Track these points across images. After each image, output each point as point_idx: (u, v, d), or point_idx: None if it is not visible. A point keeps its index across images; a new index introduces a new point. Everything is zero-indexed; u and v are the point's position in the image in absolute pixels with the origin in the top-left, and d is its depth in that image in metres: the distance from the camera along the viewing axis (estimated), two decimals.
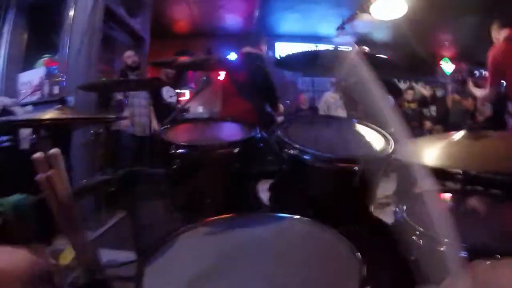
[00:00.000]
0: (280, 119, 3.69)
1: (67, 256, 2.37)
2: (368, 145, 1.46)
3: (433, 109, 6.85)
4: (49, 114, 1.52)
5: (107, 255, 2.59)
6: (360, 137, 1.55)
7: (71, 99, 3.44)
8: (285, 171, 1.39)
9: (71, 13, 3.63)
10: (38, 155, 0.80)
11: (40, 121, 1.52)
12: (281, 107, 3.71)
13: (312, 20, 7.88)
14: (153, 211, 1.66)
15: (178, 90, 5.85)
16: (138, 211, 1.72)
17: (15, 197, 1.83)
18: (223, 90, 3.30)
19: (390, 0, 5.78)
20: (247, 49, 3.31)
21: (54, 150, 0.81)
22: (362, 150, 1.41)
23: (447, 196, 1.40)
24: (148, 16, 5.42)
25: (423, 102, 7.12)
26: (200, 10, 7.24)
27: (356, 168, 1.26)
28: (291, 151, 1.32)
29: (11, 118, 2.74)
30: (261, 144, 1.57)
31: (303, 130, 1.56)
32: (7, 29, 3.99)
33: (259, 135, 1.57)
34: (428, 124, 6.68)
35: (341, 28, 7.69)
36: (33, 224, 1.84)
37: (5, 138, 2.64)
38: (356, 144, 1.49)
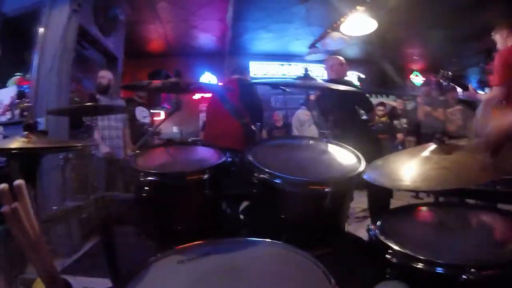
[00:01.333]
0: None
1: (39, 285, 2.27)
2: (338, 165, 1.47)
3: (404, 121, 7.05)
4: (17, 142, 1.46)
5: (82, 282, 2.51)
6: (331, 157, 1.57)
7: (41, 121, 3.35)
8: (256, 194, 1.39)
9: (44, 31, 3.56)
10: (2, 186, 0.77)
11: (8, 150, 1.46)
12: (264, 132, 3.82)
13: (285, 39, 8.04)
14: (126, 237, 1.61)
15: (152, 110, 5.80)
16: (111, 237, 1.67)
17: None
18: (211, 110, 3.41)
19: (360, 17, 5.97)
20: (236, 75, 3.47)
21: (19, 182, 0.78)
22: (332, 171, 1.42)
23: (421, 210, 1.40)
24: (122, 35, 5.38)
25: (394, 114, 7.32)
26: (174, 30, 7.26)
27: (327, 190, 1.26)
28: (262, 175, 1.32)
29: None
30: (233, 168, 1.58)
31: (273, 152, 1.58)
32: None
33: (230, 160, 1.58)
34: (400, 135, 6.85)
35: (313, 46, 7.89)
36: (2, 254, 1.76)
37: None
38: (327, 164, 1.51)
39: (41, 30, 3.55)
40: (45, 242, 0.81)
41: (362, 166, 1.39)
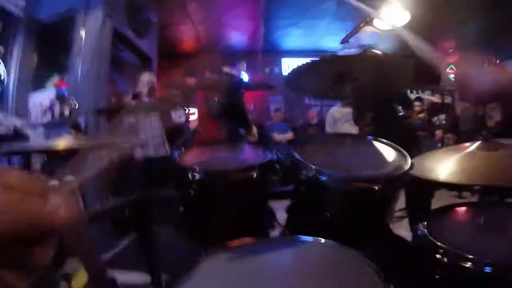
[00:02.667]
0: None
1: (80, 279, 2.37)
2: (385, 162, 1.43)
3: (442, 118, 6.81)
4: (63, 141, 1.52)
5: (119, 276, 2.59)
6: (376, 154, 1.52)
7: (81, 121, 3.51)
8: (302, 192, 1.37)
9: (80, 34, 3.72)
10: (53, 182, 0.79)
11: (55, 150, 1.52)
12: (254, 131, 3.68)
13: (316, 35, 7.97)
14: (167, 234, 1.65)
15: (186, 110, 5.92)
16: (151, 234, 1.71)
17: None
18: (200, 113, 3.26)
19: (393, 10, 5.82)
20: (227, 69, 3.36)
21: (69, 178, 0.81)
22: (379, 169, 1.37)
23: (466, 209, 1.34)
24: (155, 37, 5.53)
25: (432, 111, 7.09)
26: (206, 29, 7.36)
27: (376, 187, 1.24)
28: (308, 172, 1.29)
29: (26, 146, 2.77)
30: (278, 166, 1.54)
31: (318, 150, 1.54)
32: (16, 50, 4.08)
33: (275, 157, 1.54)
34: (439, 133, 6.63)
35: (345, 41, 7.76)
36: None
37: (16, 158, 2.67)
38: (373, 162, 1.46)
39: (77, 34, 3.70)
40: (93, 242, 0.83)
41: (408, 163, 1.34)
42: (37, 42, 4.24)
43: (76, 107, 3.61)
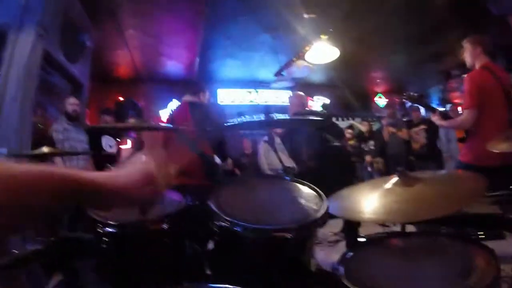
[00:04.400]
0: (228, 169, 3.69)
1: None
2: (301, 207, 1.45)
3: (371, 144, 7.28)
4: None
5: None
6: (294, 198, 1.53)
7: (4, 151, 3.24)
8: (219, 240, 1.38)
9: (9, 55, 3.48)
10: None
11: None
12: (230, 160, 3.69)
13: (252, 66, 8.22)
14: (91, 275, 1.56)
15: (118, 139, 5.69)
16: (75, 276, 1.62)
17: None
18: (166, 142, 3.00)
19: (323, 46, 6.21)
20: (188, 98, 3.32)
21: None
22: (295, 215, 1.39)
23: (387, 241, 1.39)
24: (88, 62, 5.33)
25: (362, 137, 7.56)
26: (142, 56, 7.27)
27: (289, 236, 1.27)
28: (223, 223, 1.30)
29: None
30: (193, 213, 1.55)
31: (236, 196, 1.53)
32: None
33: (191, 203, 1.55)
34: (368, 157, 7.06)
35: (279, 74, 8.10)
36: None
37: None
38: (290, 207, 1.47)
39: (6, 54, 3.46)
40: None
41: (324, 207, 1.37)
42: None
43: None
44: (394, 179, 1.32)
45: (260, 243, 1.31)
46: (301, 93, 4.06)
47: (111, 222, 1.36)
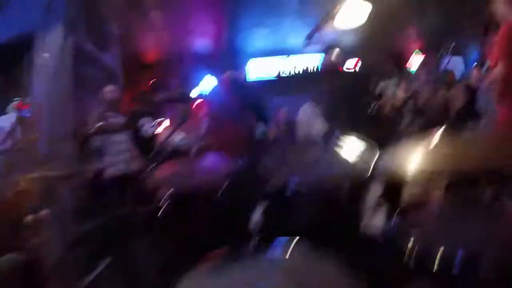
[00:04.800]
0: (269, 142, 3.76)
1: None
2: (352, 160, 1.45)
3: (409, 106, 6.99)
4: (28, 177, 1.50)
5: None
6: (344, 153, 1.53)
7: (43, 145, 3.36)
8: (272, 200, 1.40)
9: (41, 54, 3.57)
10: (29, 218, 0.76)
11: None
12: (271, 128, 3.79)
13: (282, 33, 8.02)
14: (145, 250, 1.62)
15: (156, 120, 5.80)
16: (128, 254, 1.69)
17: (5, 258, 1.75)
18: (212, 116, 3.35)
19: (354, 5, 5.91)
20: (229, 74, 3.44)
21: (44, 213, 0.78)
22: (347, 168, 1.41)
23: (437, 198, 1.37)
24: (118, 49, 5.39)
25: (398, 100, 7.26)
26: (169, 37, 7.26)
27: (343, 188, 1.30)
28: (276, 181, 1.34)
29: None
30: (248, 174, 1.59)
31: (287, 156, 1.57)
32: None
33: (244, 166, 1.62)
34: (406, 121, 6.79)
35: (309, 38, 7.84)
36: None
37: None
38: (341, 162, 1.48)
39: (37, 54, 3.55)
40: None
41: (376, 156, 1.38)
42: None
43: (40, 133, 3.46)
44: (441, 130, 1.33)
45: (313, 198, 1.32)
46: (337, 49, 3.89)
47: (168, 187, 1.44)
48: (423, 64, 9.10)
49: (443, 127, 1.31)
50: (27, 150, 3.31)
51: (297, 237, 1.11)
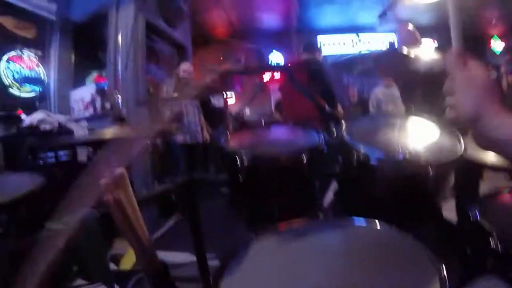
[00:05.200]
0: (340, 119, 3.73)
1: (129, 260, 2.50)
2: (438, 146, 1.34)
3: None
4: (107, 132, 1.50)
5: (164, 256, 2.70)
6: (429, 136, 1.43)
7: (124, 112, 3.65)
8: (351, 174, 1.34)
9: (114, 30, 3.83)
10: (103, 180, 0.79)
11: (99, 141, 1.50)
12: (340, 108, 3.80)
13: (352, 10, 7.70)
14: (213, 214, 1.67)
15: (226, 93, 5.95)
16: (197, 216, 1.76)
17: (80, 214, 1.94)
18: (287, 90, 3.43)
19: None
20: (306, 56, 3.49)
21: (120, 170, 0.78)
22: (432, 152, 1.28)
23: None
24: (188, 25, 5.58)
25: None
26: (238, 13, 7.32)
27: (430, 173, 1.18)
28: (360, 156, 1.26)
29: (71, 139, 2.90)
30: (326, 148, 1.51)
31: (369, 131, 1.47)
32: (53, 52, 4.28)
33: (324, 139, 1.51)
34: None
35: (383, 15, 7.46)
36: (100, 238, 1.94)
37: (62, 152, 2.82)
38: (425, 145, 1.36)
39: (111, 30, 3.81)
40: (144, 226, 0.83)
41: (462, 146, 1.27)
42: (73, 42, 4.43)
43: (119, 100, 3.75)
44: None
45: (397, 178, 1.24)
46: (411, 26, 3.66)
47: (250, 154, 1.38)
48: (505, 51, 8.28)
49: None
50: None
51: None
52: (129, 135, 1.53)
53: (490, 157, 1.17)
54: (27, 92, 3.95)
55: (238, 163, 1.37)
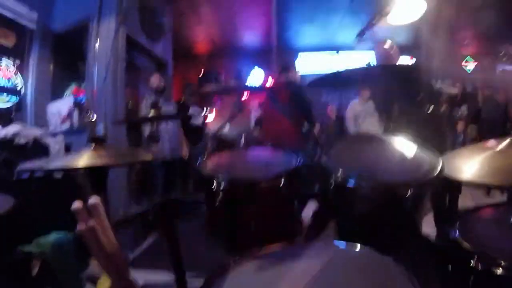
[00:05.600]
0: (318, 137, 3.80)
1: (106, 280, 2.41)
2: (415, 165, 1.35)
3: (463, 109, 6.61)
4: (83, 158, 1.42)
5: (143, 276, 2.64)
6: (405, 156, 1.45)
7: (100, 129, 3.57)
8: (330, 196, 1.35)
9: (94, 42, 3.78)
10: (77, 205, 0.77)
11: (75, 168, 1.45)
12: (317, 125, 3.86)
13: (331, 30, 7.87)
14: (191, 233, 1.64)
15: (205, 110, 5.93)
16: (175, 235, 1.71)
17: (54, 236, 1.87)
18: (266, 111, 3.68)
19: (408, 3, 5.70)
20: (283, 77, 3.60)
21: (94, 200, 0.76)
22: (409, 172, 1.31)
23: (496, 210, 1.29)
24: (169, 40, 5.56)
25: (453, 102, 6.88)
26: (219, 30, 7.38)
27: (407, 193, 1.21)
28: (338, 178, 1.27)
29: (46, 165, 2.80)
30: (304, 170, 1.52)
31: (347, 153, 1.49)
32: (32, 61, 4.16)
33: (301, 161, 1.51)
34: (461, 124, 6.43)
35: (361, 35, 7.64)
36: (74, 259, 1.87)
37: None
38: (403, 165, 1.40)
39: (91, 42, 3.76)
40: (121, 252, 0.81)
41: (440, 164, 1.27)
42: (53, 52, 4.33)
43: (94, 119, 3.66)
44: (508, 140, 1.20)
45: (375, 199, 1.25)
46: (388, 41, 3.68)
47: (227, 179, 1.38)
48: (478, 68, 8.60)
49: (509, 137, 1.21)
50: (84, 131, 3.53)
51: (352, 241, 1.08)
52: (105, 162, 1.47)
53: (468, 174, 1.16)
54: (3, 102, 3.83)
55: (214, 186, 1.36)
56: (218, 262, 1.03)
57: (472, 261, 0.95)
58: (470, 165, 1.17)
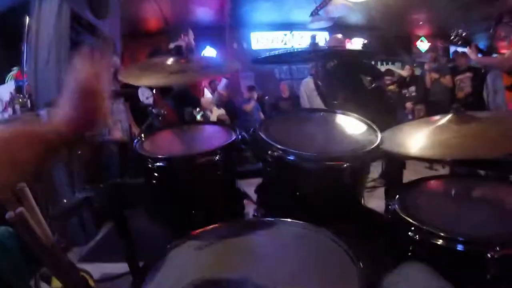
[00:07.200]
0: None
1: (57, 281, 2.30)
2: (354, 138, 1.40)
3: (412, 90, 6.90)
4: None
5: (99, 268, 2.55)
6: (345, 130, 1.50)
7: (43, 114, 3.31)
8: (270, 172, 1.36)
9: (35, 22, 3.46)
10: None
11: None
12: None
13: (286, 8, 7.87)
14: (140, 220, 1.59)
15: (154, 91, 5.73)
16: (125, 223, 1.65)
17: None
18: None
19: None
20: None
21: (21, 185, 0.76)
22: (349, 145, 1.35)
23: (439, 182, 1.36)
24: (117, 17, 5.24)
25: (402, 83, 7.15)
26: (170, 7, 7.10)
27: (345, 165, 1.23)
28: (275, 153, 1.26)
29: None
30: (243, 146, 1.51)
31: (286, 128, 1.50)
32: None
33: (240, 137, 1.51)
34: (409, 105, 6.72)
35: (315, 13, 7.65)
36: (20, 257, 1.73)
37: None
38: (342, 138, 1.45)
39: (32, 22, 3.43)
40: (55, 241, 0.80)
41: (379, 138, 1.33)
42: None
43: (28, 103, 3.39)
44: (449, 116, 1.26)
45: (313, 173, 1.27)
46: (340, 35, 3.86)
47: (161, 156, 1.37)
48: (429, 50, 8.94)
49: (450, 113, 1.26)
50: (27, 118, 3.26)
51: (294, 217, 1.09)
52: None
53: (411, 148, 1.23)
54: None
55: (150, 167, 1.34)
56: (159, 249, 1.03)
57: (409, 232, 0.99)
58: (412, 140, 1.24)
